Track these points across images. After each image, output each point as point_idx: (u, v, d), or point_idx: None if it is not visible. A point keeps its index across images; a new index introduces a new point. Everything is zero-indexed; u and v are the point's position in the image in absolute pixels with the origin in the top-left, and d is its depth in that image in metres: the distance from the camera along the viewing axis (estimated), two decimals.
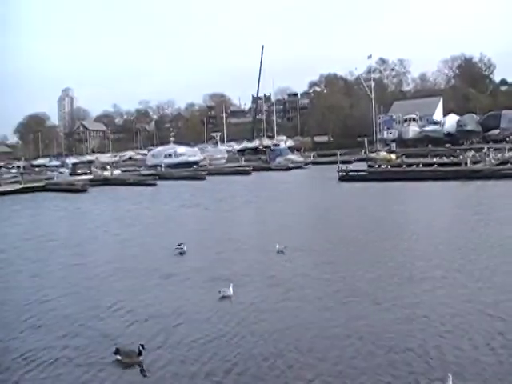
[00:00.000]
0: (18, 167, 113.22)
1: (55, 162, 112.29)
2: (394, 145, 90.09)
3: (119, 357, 10.96)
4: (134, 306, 14.47)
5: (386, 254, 19.00)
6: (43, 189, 66.65)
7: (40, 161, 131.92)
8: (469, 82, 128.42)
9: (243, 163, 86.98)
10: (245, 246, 22.10)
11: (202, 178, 68.29)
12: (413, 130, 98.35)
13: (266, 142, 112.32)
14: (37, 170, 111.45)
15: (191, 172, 76.48)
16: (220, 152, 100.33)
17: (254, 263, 18.69)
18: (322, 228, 27.02)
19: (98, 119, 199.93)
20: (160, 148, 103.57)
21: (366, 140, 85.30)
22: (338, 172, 52.89)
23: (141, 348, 10.84)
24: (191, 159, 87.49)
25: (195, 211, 36.67)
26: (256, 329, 12.34)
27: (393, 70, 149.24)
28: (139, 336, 12.03)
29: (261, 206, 37.70)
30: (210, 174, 72.55)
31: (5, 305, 15.49)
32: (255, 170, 75.09)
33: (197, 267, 18.54)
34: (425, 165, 53.58)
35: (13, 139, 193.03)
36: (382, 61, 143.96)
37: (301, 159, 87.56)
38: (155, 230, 28.89)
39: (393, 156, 67.41)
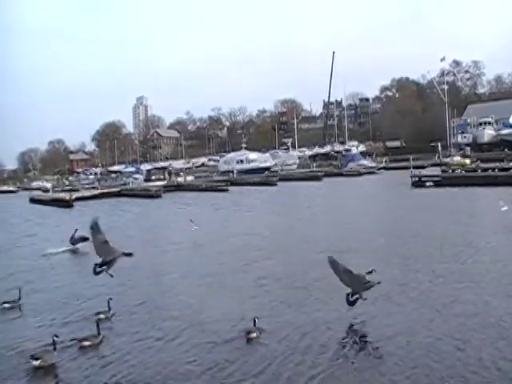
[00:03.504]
0: (95, 173, 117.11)
1: (130, 169, 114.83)
2: (468, 149, 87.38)
3: None
4: None
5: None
6: (119, 194, 68.60)
7: (116, 167, 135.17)
8: None
9: (315, 169, 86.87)
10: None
11: (273, 184, 68.48)
12: (488, 134, 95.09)
13: (338, 147, 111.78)
14: (113, 176, 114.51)
15: (263, 178, 76.80)
16: (291, 158, 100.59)
17: None
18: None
19: (172, 126, 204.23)
20: (232, 154, 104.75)
21: (439, 145, 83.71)
22: (411, 177, 51.96)
23: None
24: (263, 165, 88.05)
25: (277, 217, 36.73)
26: None
27: (467, 72, 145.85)
28: None
29: (334, 213, 37.28)
30: (282, 179, 72.62)
31: None
32: (327, 175, 74.66)
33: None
34: (501, 170, 51.94)
35: (90, 146, 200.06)
36: (456, 63, 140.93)
37: (373, 164, 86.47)
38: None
39: (467, 161, 65.54)
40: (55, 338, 11.08)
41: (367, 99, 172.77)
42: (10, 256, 26.31)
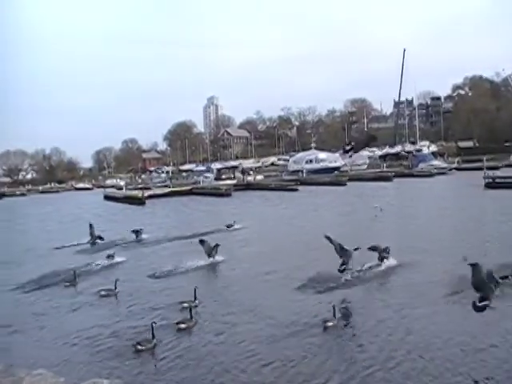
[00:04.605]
0: (167, 172, 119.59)
1: (201, 168, 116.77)
2: None
3: None
4: None
5: None
6: (190, 192, 70.37)
7: (187, 166, 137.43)
8: None
9: (385, 169, 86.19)
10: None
11: (342, 184, 68.14)
12: None
13: (409, 147, 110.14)
14: (184, 174, 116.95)
15: (332, 178, 76.59)
16: (361, 158, 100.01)
17: None
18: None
19: (242, 126, 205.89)
20: (301, 154, 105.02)
21: None
22: (484, 178, 50.98)
23: None
24: (332, 165, 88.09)
25: (341, 217, 37.02)
26: None
27: None
28: None
29: (404, 214, 37.14)
30: (351, 179, 72.18)
31: None
32: (397, 175, 73.66)
33: None
34: None
35: (162, 146, 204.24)
36: None
37: (444, 165, 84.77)
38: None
39: None
40: (154, 325, 12.36)
41: (439, 98, 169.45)
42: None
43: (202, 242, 22.17)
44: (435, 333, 12.06)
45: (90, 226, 31.10)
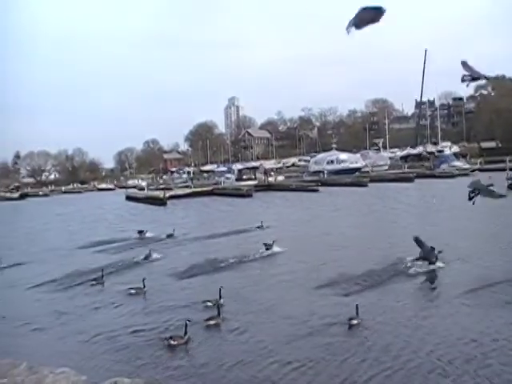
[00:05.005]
0: (188, 172, 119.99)
1: (222, 168, 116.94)
2: None
3: None
4: None
5: None
6: (211, 193, 70.60)
7: (208, 167, 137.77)
8: None
9: (406, 170, 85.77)
10: None
11: (364, 185, 67.98)
12: None
13: (430, 148, 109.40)
14: (205, 175, 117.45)
15: (353, 178, 76.46)
16: (382, 158, 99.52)
17: None
18: None
19: (263, 127, 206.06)
20: (322, 154, 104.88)
21: None
22: (507, 179, 50.58)
23: None
24: (353, 166, 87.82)
25: (361, 219, 37.06)
26: None
27: None
28: None
29: (425, 215, 36.92)
30: (372, 180, 71.87)
31: None
32: (418, 176, 72.95)
33: None
34: None
35: (184, 146, 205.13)
36: None
37: (466, 166, 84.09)
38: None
39: None
40: (187, 322, 12.70)
41: (461, 98, 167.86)
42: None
43: None
44: (460, 333, 12.17)
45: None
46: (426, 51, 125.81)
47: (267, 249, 23.71)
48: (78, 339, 13.54)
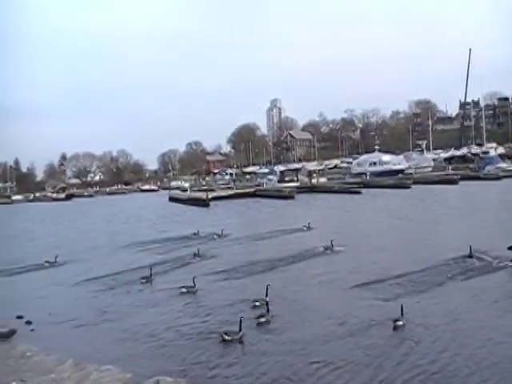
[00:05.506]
0: (231, 174, 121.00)
1: (264, 170, 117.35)
2: None
3: None
4: None
5: None
6: (253, 194, 70.96)
7: (250, 168, 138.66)
8: None
9: (450, 172, 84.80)
10: None
11: (407, 187, 67.58)
12: None
13: (475, 149, 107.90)
14: (247, 177, 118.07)
15: (396, 180, 75.98)
16: (426, 160, 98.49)
17: None
18: None
19: (305, 128, 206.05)
20: (365, 156, 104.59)
21: None
22: None
23: None
24: (396, 167, 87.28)
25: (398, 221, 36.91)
26: None
27: None
28: None
29: (469, 218, 36.20)
30: (416, 182, 71.20)
31: None
32: (463, 178, 72.05)
33: None
34: None
35: (226, 148, 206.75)
36: None
37: None
38: None
39: None
40: (242, 319, 12.97)
41: (507, 98, 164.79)
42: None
43: None
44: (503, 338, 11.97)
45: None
46: (470, 51, 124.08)
47: (326, 249, 24.15)
48: (124, 337, 13.70)
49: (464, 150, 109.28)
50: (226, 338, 12.64)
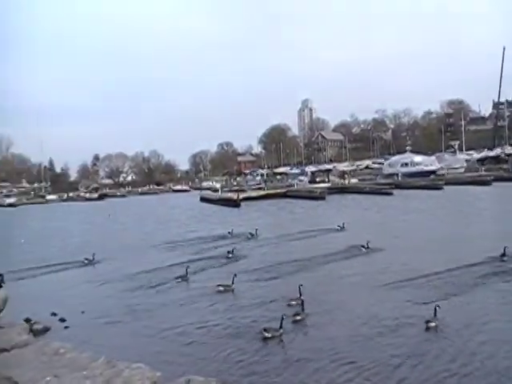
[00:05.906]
0: (262, 175, 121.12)
1: (295, 171, 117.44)
2: None
3: None
4: None
5: None
6: (284, 195, 71.14)
7: (281, 169, 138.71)
8: None
9: (483, 173, 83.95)
10: None
11: (439, 188, 67.25)
12: None
13: (509, 150, 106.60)
14: (278, 177, 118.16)
15: (428, 181, 75.50)
16: (458, 161, 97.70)
17: None
18: None
19: (336, 129, 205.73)
20: (396, 157, 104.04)
21: None
22: None
23: None
24: (428, 168, 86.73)
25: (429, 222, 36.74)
26: None
27: None
28: None
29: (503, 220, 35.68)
30: (448, 183, 70.83)
31: None
32: (496, 180, 71.41)
33: None
34: None
35: (257, 149, 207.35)
36: None
37: None
38: None
39: None
40: (284, 316, 13.23)
41: None
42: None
43: None
44: None
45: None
46: (504, 49, 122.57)
47: (361, 249, 24.44)
48: (160, 335, 13.84)
49: (497, 151, 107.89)
50: (266, 335, 12.81)
